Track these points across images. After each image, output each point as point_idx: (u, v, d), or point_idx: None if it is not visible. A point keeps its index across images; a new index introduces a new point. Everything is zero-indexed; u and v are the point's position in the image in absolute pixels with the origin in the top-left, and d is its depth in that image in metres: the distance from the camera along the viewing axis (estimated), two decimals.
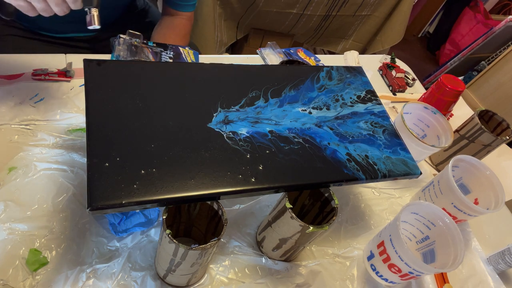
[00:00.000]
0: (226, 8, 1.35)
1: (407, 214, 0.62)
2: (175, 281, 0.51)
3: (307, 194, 0.57)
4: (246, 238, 0.60)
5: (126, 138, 0.46)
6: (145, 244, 0.55)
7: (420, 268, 0.52)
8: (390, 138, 0.60)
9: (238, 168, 0.47)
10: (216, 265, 0.56)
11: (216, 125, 0.51)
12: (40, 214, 0.54)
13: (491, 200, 0.67)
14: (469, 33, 2.32)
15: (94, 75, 0.49)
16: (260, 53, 0.97)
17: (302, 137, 0.54)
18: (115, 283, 0.50)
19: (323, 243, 0.63)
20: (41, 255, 0.50)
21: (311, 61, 0.98)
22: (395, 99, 0.98)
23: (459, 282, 0.65)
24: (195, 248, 0.42)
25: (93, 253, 0.52)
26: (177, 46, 0.84)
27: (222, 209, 0.46)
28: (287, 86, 0.61)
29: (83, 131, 0.65)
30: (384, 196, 0.74)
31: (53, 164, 0.59)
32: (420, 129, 0.78)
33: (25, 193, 0.55)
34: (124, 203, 0.40)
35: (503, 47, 1.96)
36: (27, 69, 0.70)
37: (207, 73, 0.58)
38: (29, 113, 0.65)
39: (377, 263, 0.58)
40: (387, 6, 1.53)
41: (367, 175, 0.53)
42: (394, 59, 1.08)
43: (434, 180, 0.69)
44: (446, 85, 0.82)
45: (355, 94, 0.65)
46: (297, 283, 0.57)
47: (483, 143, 0.76)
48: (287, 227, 0.50)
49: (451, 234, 0.57)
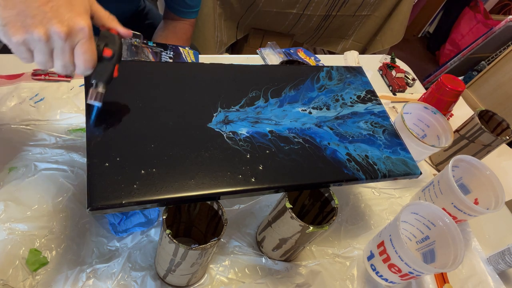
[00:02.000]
0: (226, 8, 1.35)
1: (407, 214, 0.62)
2: (175, 281, 0.51)
3: (307, 194, 0.57)
4: (246, 238, 0.60)
5: (126, 138, 0.46)
6: (145, 244, 0.55)
7: (420, 268, 0.52)
8: (390, 138, 0.60)
9: (238, 168, 0.47)
10: (216, 265, 0.56)
11: (216, 125, 0.51)
12: (40, 214, 0.54)
13: (491, 200, 0.67)
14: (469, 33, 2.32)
15: None
16: (260, 53, 0.97)
17: (302, 137, 0.54)
18: (115, 283, 0.50)
19: (323, 243, 0.63)
20: (41, 255, 0.50)
21: (311, 61, 0.98)
22: (395, 99, 0.98)
23: (459, 282, 0.65)
24: (195, 248, 0.42)
25: (93, 253, 0.52)
26: (177, 46, 0.84)
27: (222, 209, 0.46)
28: (287, 86, 0.61)
29: (83, 131, 0.65)
30: (384, 196, 0.74)
31: (53, 164, 0.59)
32: (420, 129, 0.78)
33: (25, 193, 0.55)
34: (124, 203, 0.40)
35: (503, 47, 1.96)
36: (27, 69, 0.70)
37: (207, 73, 0.58)
38: (29, 113, 0.65)
39: (377, 263, 0.58)
40: (387, 6, 1.53)
41: (367, 175, 0.53)
42: (394, 59, 1.08)
43: (434, 180, 0.69)
44: (446, 85, 0.82)
45: (355, 94, 0.65)
46: (297, 283, 0.57)
47: (483, 143, 0.76)
48: (287, 227, 0.50)
49: (451, 234, 0.57)
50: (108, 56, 0.42)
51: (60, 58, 0.39)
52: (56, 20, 0.36)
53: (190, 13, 0.93)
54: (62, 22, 0.36)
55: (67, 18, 0.37)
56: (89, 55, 0.39)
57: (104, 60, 0.42)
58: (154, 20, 1.04)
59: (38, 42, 0.36)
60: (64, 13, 0.37)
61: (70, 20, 0.37)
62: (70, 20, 0.37)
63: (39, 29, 0.36)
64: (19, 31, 0.36)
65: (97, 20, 0.42)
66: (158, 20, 1.01)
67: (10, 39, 0.36)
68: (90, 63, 0.40)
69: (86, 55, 0.39)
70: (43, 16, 0.36)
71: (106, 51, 0.42)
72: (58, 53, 0.38)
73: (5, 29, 0.35)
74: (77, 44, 0.38)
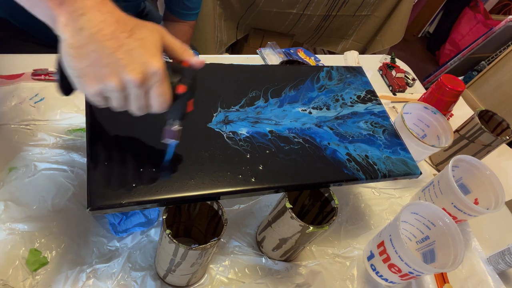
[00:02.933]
0: (226, 8, 1.35)
1: (407, 214, 0.62)
2: (175, 281, 0.51)
3: (307, 194, 0.57)
4: (246, 238, 0.60)
5: (126, 138, 0.46)
6: (145, 244, 0.55)
7: (420, 268, 0.52)
8: (390, 138, 0.60)
9: (238, 168, 0.47)
10: (216, 265, 0.56)
11: (216, 125, 0.51)
12: (40, 214, 0.54)
13: (491, 200, 0.67)
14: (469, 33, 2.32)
15: None
16: (260, 53, 0.97)
17: (302, 137, 0.54)
18: (115, 283, 0.50)
19: (323, 243, 0.63)
20: (41, 255, 0.50)
21: (311, 61, 0.98)
22: (395, 99, 0.98)
23: (459, 282, 0.65)
24: (195, 248, 0.42)
25: (93, 253, 0.52)
26: None
27: (222, 209, 0.46)
28: (287, 86, 0.61)
29: (83, 131, 0.65)
30: (384, 196, 0.74)
31: (53, 164, 0.59)
32: (420, 129, 0.78)
33: (25, 193, 0.55)
34: (124, 203, 0.40)
35: (503, 47, 1.96)
36: (27, 69, 0.70)
37: (207, 73, 0.58)
38: (29, 113, 0.65)
39: (377, 263, 0.58)
40: (387, 6, 1.53)
41: (367, 175, 0.53)
42: (394, 59, 1.08)
43: (434, 180, 0.69)
44: (446, 85, 0.82)
45: (355, 94, 0.65)
46: (297, 283, 0.57)
47: (483, 143, 0.76)
48: (287, 227, 0.50)
49: (451, 234, 0.57)
50: (182, 93, 0.40)
51: (135, 103, 0.38)
52: (130, 68, 0.35)
53: (190, 15, 0.94)
54: (136, 69, 0.35)
55: (140, 64, 0.35)
56: (164, 97, 0.38)
57: (178, 97, 0.40)
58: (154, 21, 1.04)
59: (113, 92, 0.36)
60: (137, 58, 0.35)
61: (143, 65, 0.35)
62: (143, 65, 0.35)
63: (113, 80, 0.35)
64: (94, 82, 0.35)
65: (169, 53, 0.41)
66: (158, 21, 1.00)
67: (86, 90, 0.36)
68: (165, 104, 0.39)
69: (161, 98, 0.38)
70: (116, 64, 0.34)
71: (179, 88, 0.40)
72: (134, 99, 0.38)
73: (81, 81, 0.35)
74: (152, 87, 0.37)
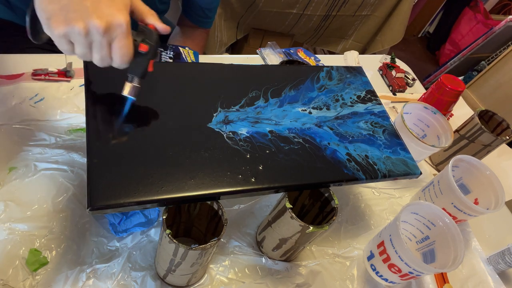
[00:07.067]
0: (226, 8, 1.35)
1: (407, 214, 0.62)
2: (175, 281, 0.51)
3: (307, 194, 0.57)
4: (246, 238, 0.60)
5: (126, 138, 0.46)
6: (145, 244, 0.55)
7: (420, 268, 0.52)
8: (390, 138, 0.60)
9: (238, 168, 0.47)
10: (216, 265, 0.56)
11: (216, 125, 0.51)
12: (40, 214, 0.54)
13: (491, 200, 0.66)
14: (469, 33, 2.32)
15: (94, 75, 0.49)
16: (260, 53, 0.97)
17: (302, 137, 0.54)
18: (115, 283, 0.50)
19: (323, 243, 0.63)
20: (41, 255, 0.50)
21: (311, 61, 0.98)
22: (395, 99, 0.98)
23: (459, 282, 0.65)
24: (195, 248, 0.42)
25: (93, 253, 0.52)
26: (177, 46, 0.84)
27: (222, 209, 0.46)
28: (287, 86, 0.61)
29: (83, 131, 0.65)
30: (384, 196, 0.74)
31: (53, 164, 0.59)
32: (420, 129, 0.78)
33: (25, 193, 0.55)
34: (124, 203, 0.40)
35: (503, 47, 1.96)
36: (27, 69, 0.70)
37: (207, 73, 0.58)
38: (29, 113, 0.65)
39: (377, 263, 0.58)
40: (387, 6, 1.53)
41: (367, 175, 0.53)
42: (394, 59, 1.08)
43: (434, 180, 0.69)
44: (446, 85, 0.82)
45: (355, 94, 0.65)
46: (297, 283, 0.57)
47: (483, 143, 0.76)
48: (287, 227, 0.50)
49: (451, 234, 0.57)
50: (144, 51, 0.43)
51: (98, 51, 0.40)
52: (96, 15, 0.38)
53: (208, 23, 0.96)
54: (102, 17, 0.38)
55: (106, 14, 0.38)
56: (125, 50, 0.41)
57: (140, 55, 0.43)
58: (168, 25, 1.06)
59: (78, 36, 0.38)
60: (104, 8, 0.38)
61: (109, 16, 0.38)
62: (110, 15, 0.38)
63: (79, 23, 0.38)
64: (61, 24, 0.38)
65: (137, 15, 0.44)
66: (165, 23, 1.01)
67: (52, 31, 0.38)
68: (126, 57, 0.41)
69: (122, 50, 0.41)
70: (84, 11, 0.38)
71: (142, 46, 0.43)
72: (97, 47, 0.40)
73: (49, 22, 0.38)
74: (115, 39, 0.40)
